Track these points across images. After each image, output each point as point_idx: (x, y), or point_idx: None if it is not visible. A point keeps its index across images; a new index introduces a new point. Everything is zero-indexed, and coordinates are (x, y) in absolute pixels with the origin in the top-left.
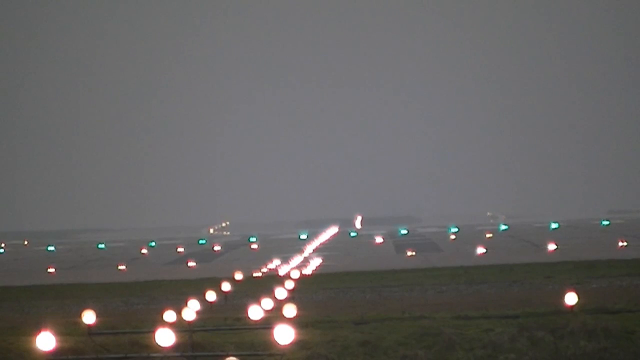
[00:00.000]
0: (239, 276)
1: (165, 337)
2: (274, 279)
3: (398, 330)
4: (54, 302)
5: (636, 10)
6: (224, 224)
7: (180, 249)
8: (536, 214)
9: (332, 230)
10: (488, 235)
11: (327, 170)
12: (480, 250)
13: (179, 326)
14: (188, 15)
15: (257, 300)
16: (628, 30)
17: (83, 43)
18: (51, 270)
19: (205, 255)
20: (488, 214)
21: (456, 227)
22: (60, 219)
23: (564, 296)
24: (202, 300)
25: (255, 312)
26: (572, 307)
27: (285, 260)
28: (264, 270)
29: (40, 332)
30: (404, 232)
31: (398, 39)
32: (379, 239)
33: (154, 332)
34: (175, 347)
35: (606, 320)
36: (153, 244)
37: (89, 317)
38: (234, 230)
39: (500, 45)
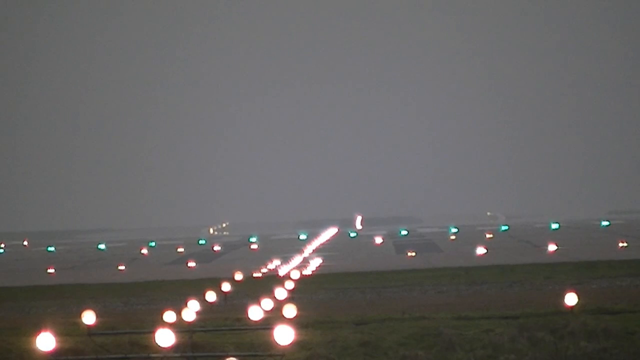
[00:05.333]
0: (239, 276)
1: (165, 338)
2: (274, 279)
3: (398, 331)
4: (54, 302)
5: (636, 10)
6: (224, 224)
7: (180, 249)
8: (536, 214)
9: (332, 230)
10: (488, 236)
11: (327, 170)
12: (481, 250)
13: (179, 326)
14: (188, 14)
15: (257, 301)
16: (628, 30)
17: (83, 43)
18: (51, 270)
19: (205, 255)
20: (488, 214)
21: (456, 227)
22: (60, 219)
23: (564, 296)
24: (202, 300)
25: (255, 313)
26: (572, 307)
27: (285, 260)
28: (264, 270)
29: (40, 332)
30: (404, 232)
31: (397, 39)
32: (379, 240)
33: (153, 332)
34: (175, 348)
35: (606, 321)
36: (153, 244)
37: (88, 317)
38: (234, 231)
39: (501, 45)
